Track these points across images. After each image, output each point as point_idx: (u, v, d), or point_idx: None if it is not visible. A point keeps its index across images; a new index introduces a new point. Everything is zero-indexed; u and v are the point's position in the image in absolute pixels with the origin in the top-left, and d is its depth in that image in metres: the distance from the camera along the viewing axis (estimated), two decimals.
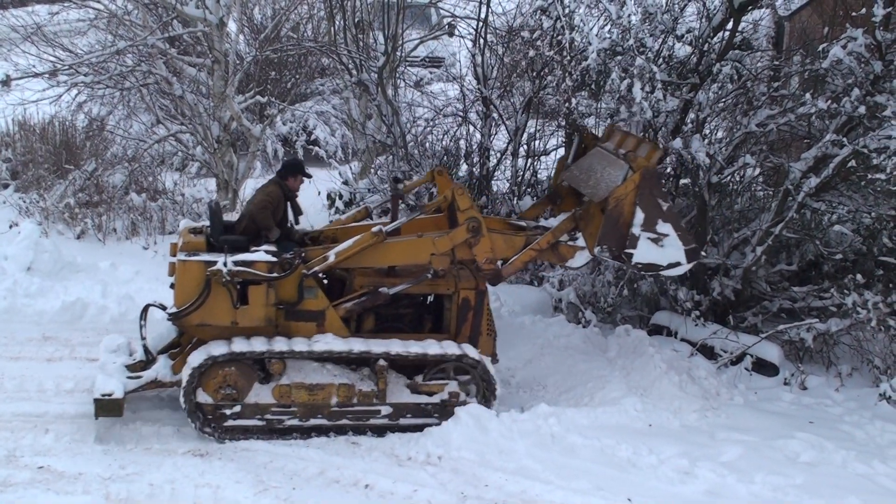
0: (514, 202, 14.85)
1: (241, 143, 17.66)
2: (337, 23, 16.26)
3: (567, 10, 12.55)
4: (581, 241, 10.81)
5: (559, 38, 13.04)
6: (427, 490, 9.33)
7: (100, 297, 13.47)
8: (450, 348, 10.72)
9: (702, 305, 12.98)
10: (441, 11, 19.73)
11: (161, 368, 10.76)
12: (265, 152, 18.51)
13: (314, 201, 16.71)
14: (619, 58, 12.41)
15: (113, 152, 18.88)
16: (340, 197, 15.97)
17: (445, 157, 15.67)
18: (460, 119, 15.90)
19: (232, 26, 17.16)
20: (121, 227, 16.25)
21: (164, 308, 10.90)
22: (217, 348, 10.34)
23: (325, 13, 18.30)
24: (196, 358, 10.35)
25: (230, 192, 16.70)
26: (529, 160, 15.42)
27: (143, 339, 11.08)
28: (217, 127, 16.48)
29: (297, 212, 11.45)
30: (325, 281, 11.10)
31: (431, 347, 10.72)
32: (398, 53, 16.26)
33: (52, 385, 11.14)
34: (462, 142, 15.94)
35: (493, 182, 15.58)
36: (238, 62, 16.51)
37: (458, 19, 16.64)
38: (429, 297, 11.69)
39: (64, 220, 16.27)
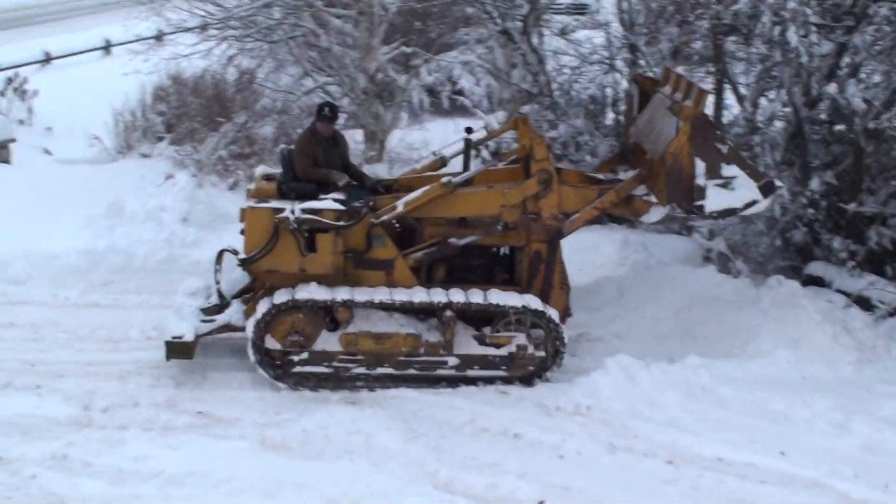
0: None
1: (386, 93, 17.77)
2: None
3: None
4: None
5: None
6: (576, 440, 9.38)
7: None
8: (513, 300, 10.59)
9: (857, 255, 12.56)
10: None
11: (234, 312, 10.99)
12: (411, 103, 18.64)
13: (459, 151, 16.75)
14: (771, 0, 12.06)
15: (263, 104, 19.22)
16: (487, 147, 15.97)
17: (592, 105, 15.53)
18: (606, 66, 15.71)
19: None
20: None
21: (236, 253, 11.06)
22: (280, 296, 10.48)
23: None
24: (261, 307, 10.53)
25: (377, 143, 16.87)
26: None
27: (217, 283, 11.34)
28: (363, 78, 16.62)
29: (343, 149, 11.44)
30: (398, 229, 11.13)
31: (494, 298, 10.59)
32: (542, 1, 16.11)
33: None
34: (608, 90, 15.76)
35: None
36: (383, 13, 16.59)
37: None
38: (502, 249, 11.57)
39: (217, 172, 16.68)
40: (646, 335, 11.66)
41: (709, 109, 11.33)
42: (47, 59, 26.93)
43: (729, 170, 10.14)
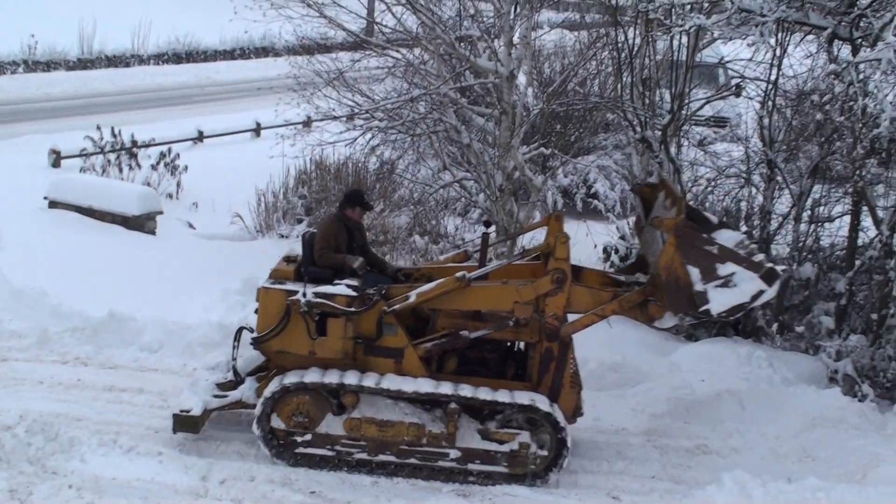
0: (795, 268, 14.51)
1: (522, 192, 18.01)
2: (624, 79, 16.38)
3: (861, 76, 12.19)
4: None
5: (851, 103, 12.69)
6: None
7: None
8: (520, 398, 10.48)
9: None
10: (729, 72, 19.54)
11: (246, 390, 11.10)
12: (545, 202, 18.82)
13: (590, 254, 16.86)
14: None
15: (400, 195, 19.67)
16: (616, 251, 16.04)
17: (725, 218, 15.47)
18: (743, 180, 15.68)
19: (521, 79, 17.57)
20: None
21: (252, 331, 11.14)
22: (290, 377, 10.56)
23: (612, 70, 18.48)
24: (271, 386, 10.62)
25: (509, 240, 17.05)
26: (812, 226, 15.02)
27: (234, 360, 11.43)
28: (500, 175, 16.88)
29: (364, 239, 11.56)
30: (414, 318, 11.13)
31: (500, 395, 10.51)
32: (683, 112, 16.20)
33: None
34: (743, 203, 15.71)
35: (772, 246, 15.25)
36: (525, 114, 16.88)
37: (747, 80, 16.43)
38: (517, 344, 11.48)
39: None
40: (764, 452, 11.46)
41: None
42: (200, 137, 28.03)
43: (725, 268, 9.97)
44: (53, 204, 19.25)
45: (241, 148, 27.37)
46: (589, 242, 16.82)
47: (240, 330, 11.49)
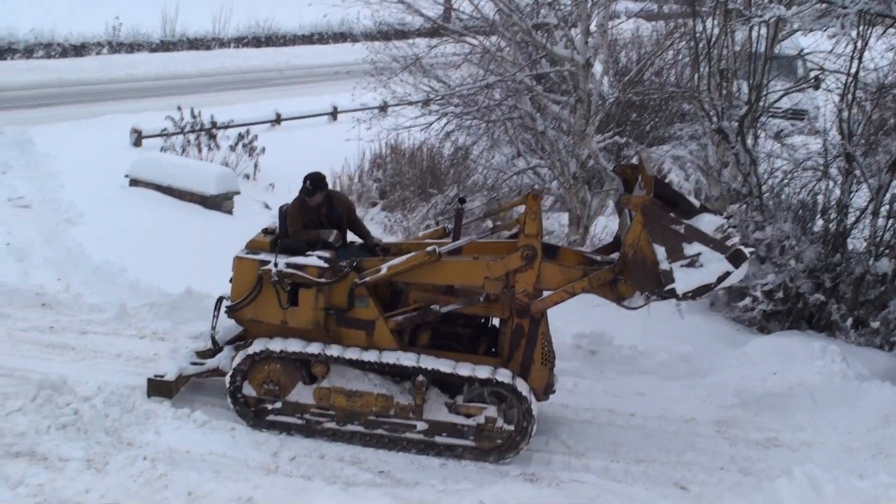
0: (871, 263, 14.35)
1: (595, 180, 18.01)
2: (701, 69, 16.30)
3: None
4: None
5: None
6: None
7: None
8: (483, 372, 10.48)
9: None
10: (809, 64, 19.33)
11: (223, 358, 11.19)
12: (618, 191, 18.75)
13: None
14: None
15: (474, 180, 19.76)
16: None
17: (801, 211, 15.35)
18: (820, 173, 15.52)
19: (597, 67, 17.58)
20: None
21: None
22: (258, 345, 10.70)
23: (689, 60, 18.40)
24: (240, 354, 10.77)
25: (581, 228, 17.08)
26: (891, 220, 14.82)
27: (213, 329, 11.55)
28: (574, 163, 16.91)
29: (335, 214, 11.53)
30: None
31: (463, 368, 10.50)
32: (761, 103, 16.08)
33: None
34: (820, 196, 15.55)
35: (849, 240, 15.09)
36: (600, 102, 16.89)
37: (826, 73, 16.26)
38: (491, 320, 11.44)
39: None
40: (836, 447, 11.35)
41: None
42: (277, 120, 28.35)
43: (692, 248, 9.80)
44: (134, 182, 19.65)
45: (317, 131, 27.61)
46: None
47: (220, 299, 11.59)
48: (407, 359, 10.60)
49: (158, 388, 10.96)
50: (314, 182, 11.37)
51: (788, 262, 14.31)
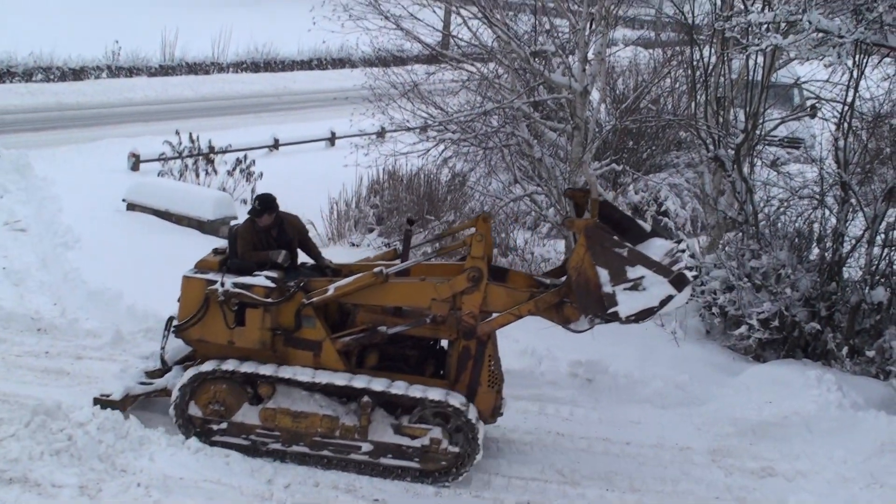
0: (867, 292, 14.36)
1: None
2: (698, 98, 16.36)
3: None
4: None
5: None
6: None
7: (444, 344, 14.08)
8: (431, 394, 10.48)
9: None
10: (805, 93, 19.41)
11: (172, 378, 11.19)
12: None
13: None
14: None
15: (471, 207, 19.78)
16: (688, 269, 15.95)
17: (797, 239, 15.38)
18: (816, 202, 15.56)
19: (594, 95, 17.63)
20: None
21: None
22: (207, 365, 10.72)
23: (686, 88, 18.46)
24: (186, 374, 10.79)
25: None
26: (886, 250, 14.85)
27: (163, 348, 11.58)
28: None
29: (287, 236, 11.51)
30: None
31: (411, 390, 10.51)
32: (758, 131, 16.13)
33: None
34: (816, 225, 15.58)
35: (845, 269, 15.11)
36: (597, 130, 16.93)
37: (823, 101, 16.31)
38: (440, 342, 11.43)
39: None
40: (831, 477, 11.32)
41: None
42: (275, 145, 28.40)
43: (635, 271, 9.82)
44: (131, 206, 19.67)
45: (315, 156, 27.66)
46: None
47: (170, 319, 11.56)
48: (354, 380, 10.64)
49: (104, 406, 10.89)
50: (263, 203, 11.37)
51: (784, 291, 14.32)
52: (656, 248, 10.51)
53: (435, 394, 10.52)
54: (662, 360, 14.23)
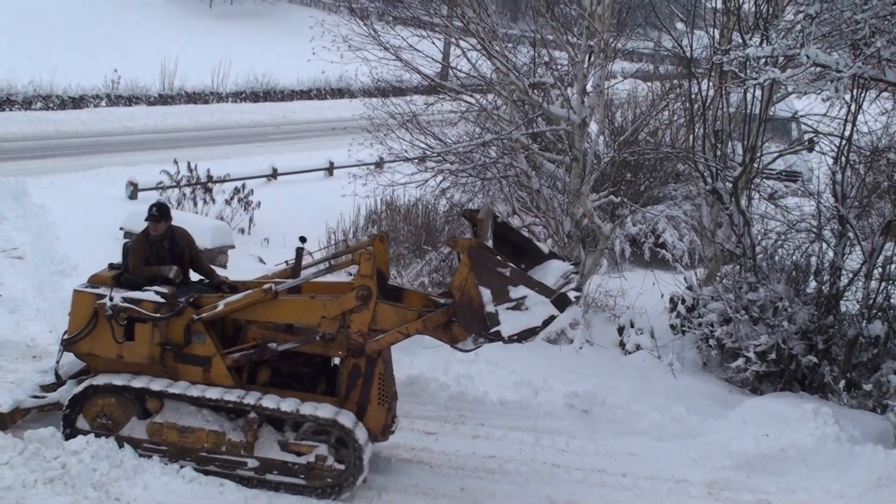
0: (864, 325, 14.35)
1: (590, 239, 18.06)
2: (696, 130, 16.41)
3: None
4: None
5: None
6: None
7: (442, 373, 14.05)
8: (321, 411, 10.51)
9: None
10: (803, 126, 19.47)
11: (64, 392, 11.20)
12: (612, 250, 18.83)
13: (656, 303, 16.82)
14: None
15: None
16: (683, 301, 15.97)
17: (794, 272, 15.38)
18: (813, 235, 15.57)
19: (593, 127, 17.70)
20: None
21: None
22: (95, 379, 10.78)
23: (684, 121, 18.52)
24: (74, 388, 10.89)
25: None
26: (883, 284, 14.85)
27: (57, 362, 11.60)
28: (569, 222, 16.96)
29: (181, 248, 11.62)
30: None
31: (299, 406, 10.55)
32: (755, 164, 16.17)
33: (391, 452, 11.78)
34: (813, 258, 15.58)
35: (842, 302, 15.10)
36: (595, 161, 16.97)
37: (820, 135, 16.36)
38: (332, 360, 11.44)
39: None
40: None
41: None
42: (274, 175, 28.43)
43: (517, 291, 9.86)
44: (129, 235, 19.61)
45: (313, 186, 27.71)
46: (656, 292, 16.79)
47: (65, 334, 11.53)
48: (242, 396, 10.64)
49: None
50: (161, 209, 11.55)
51: (781, 324, 14.31)
52: (553, 270, 10.65)
53: (321, 411, 10.54)
54: (659, 392, 14.22)
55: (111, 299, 10.68)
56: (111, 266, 11.59)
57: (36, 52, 41.74)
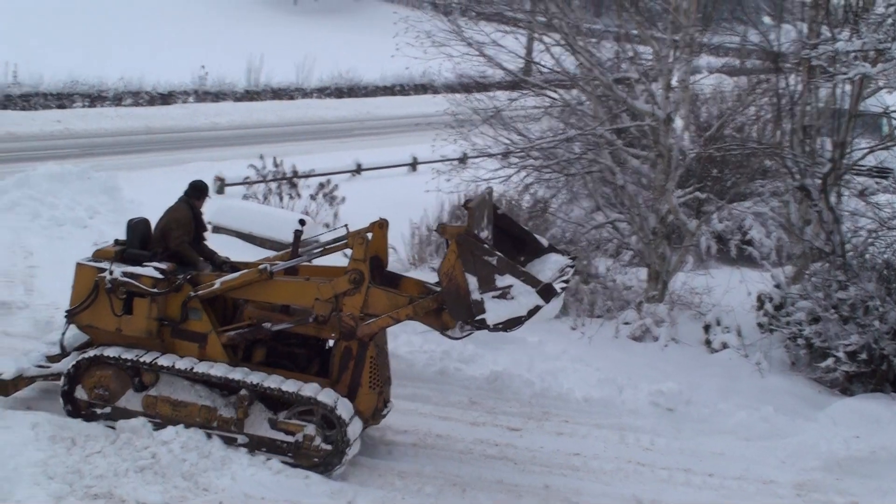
0: None
1: (675, 235, 17.88)
2: (784, 126, 16.17)
3: None
4: None
5: None
6: None
7: (525, 370, 14.03)
8: (307, 390, 10.57)
9: None
10: (894, 122, 19.08)
11: (67, 363, 11.29)
12: (698, 247, 18.66)
13: (743, 301, 16.61)
14: None
15: (552, 233, 19.68)
16: (771, 300, 15.74)
17: (886, 271, 15.08)
18: None
19: (678, 122, 17.52)
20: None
21: None
22: (91, 351, 11.06)
23: (772, 116, 18.26)
24: (71, 358, 11.09)
25: (660, 284, 16.95)
26: None
27: (63, 334, 11.75)
28: (654, 218, 16.82)
29: (203, 228, 11.98)
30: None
31: (286, 385, 10.64)
32: (845, 161, 15.88)
33: (475, 447, 11.85)
34: None
35: None
36: (681, 157, 16.80)
37: None
38: (328, 342, 11.43)
39: None
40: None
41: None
42: (358, 170, 28.66)
43: (503, 280, 9.84)
44: (217, 229, 19.94)
45: (397, 181, 27.83)
46: (742, 290, 16.58)
47: None
48: (232, 372, 10.79)
49: None
50: (205, 188, 11.93)
51: (872, 323, 14.05)
52: (552, 263, 10.75)
53: (310, 391, 10.64)
54: (746, 392, 14.05)
55: (111, 273, 10.98)
56: (117, 242, 11.81)
57: (125, 49, 42.52)
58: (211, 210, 20.10)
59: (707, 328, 16.04)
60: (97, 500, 9.52)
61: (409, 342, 14.34)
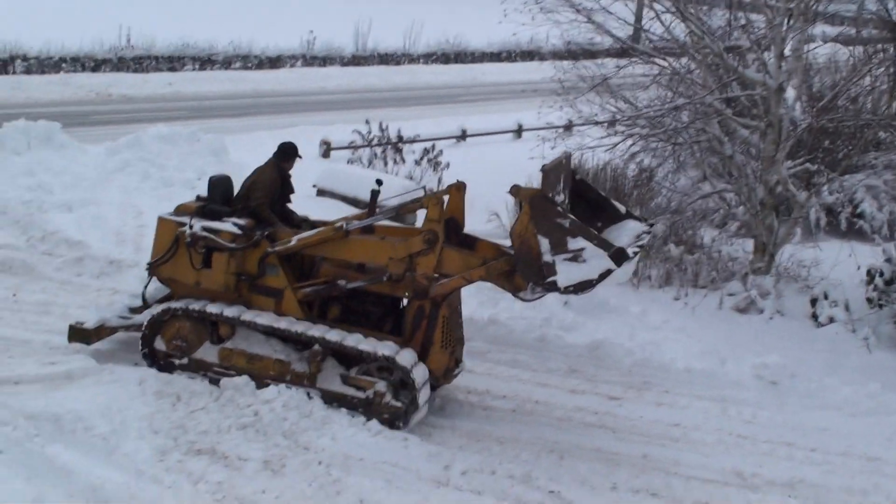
0: None
1: (783, 207, 17.54)
2: None
3: None
4: None
5: None
6: None
7: (627, 339, 13.94)
8: (381, 348, 10.69)
9: None
10: None
11: (148, 315, 11.52)
12: (807, 220, 18.27)
13: (852, 275, 16.26)
14: None
15: (657, 202, 19.51)
16: (881, 274, 15.38)
17: None
18: None
19: (790, 92, 17.16)
20: (655, 276, 16.77)
21: None
22: (173, 303, 11.40)
23: (887, 87, 17.78)
24: (153, 309, 11.50)
25: (766, 256, 16.67)
26: None
27: (145, 287, 12.10)
28: (762, 189, 16.53)
29: (290, 191, 12.22)
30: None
31: (361, 343, 10.76)
32: None
33: (574, 415, 11.84)
34: None
35: None
36: (791, 128, 16.47)
37: None
38: (402, 301, 11.39)
39: None
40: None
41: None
42: (463, 136, 28.69)
43: (575, 243, 9.70)
44: (321, 192, 20.18)
45: (501, 148, 27.80)
46: (851, 263, 16.23)
47: None
48: (306, 328, 10.98)
49: (78, 334, 11.62)
50: (295, 150, 12.14)
51: None
52: (629, 230, 10.76)
53: (382, 348, 10.74)
54: (852, 367, 13.78)
55: (191, 227, 11.24)
56: (198, 198, 12.07)
57: (235, 13, 43.06)
58: (316, 174, 20.38)
59: (814, 302, 15.73)
60: (200, 456, 9.73)
61: (509, 308, 14.33)
